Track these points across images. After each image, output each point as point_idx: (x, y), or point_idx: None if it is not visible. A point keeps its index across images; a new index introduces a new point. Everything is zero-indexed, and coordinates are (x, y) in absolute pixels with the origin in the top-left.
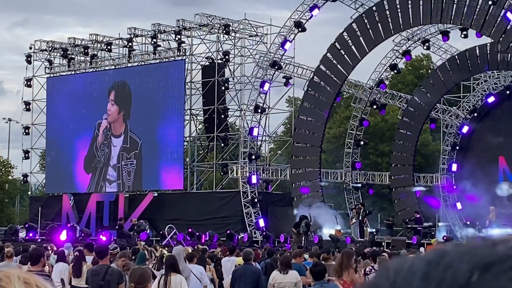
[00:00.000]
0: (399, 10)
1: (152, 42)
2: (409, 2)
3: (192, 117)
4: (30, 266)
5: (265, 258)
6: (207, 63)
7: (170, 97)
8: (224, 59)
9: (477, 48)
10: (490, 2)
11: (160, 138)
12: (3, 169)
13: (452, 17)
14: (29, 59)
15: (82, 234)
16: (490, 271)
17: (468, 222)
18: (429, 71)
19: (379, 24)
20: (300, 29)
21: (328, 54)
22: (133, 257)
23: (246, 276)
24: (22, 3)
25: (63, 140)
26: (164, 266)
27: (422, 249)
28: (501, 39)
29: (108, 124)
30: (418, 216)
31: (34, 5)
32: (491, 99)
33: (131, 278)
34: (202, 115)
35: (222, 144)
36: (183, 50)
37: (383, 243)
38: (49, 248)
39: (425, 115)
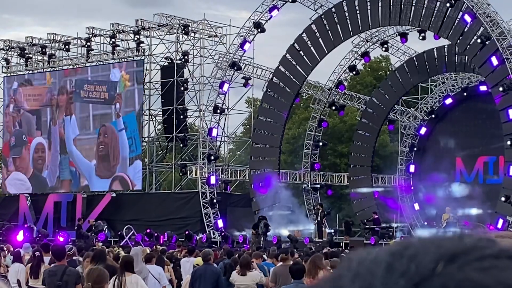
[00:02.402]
0: (358, 12)
1: (111, 42)
2: (368, 3)
3: (151, 118)
4: None
5: (223, 259)
6: (166, 64)
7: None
8: (183, 60)
9: (435, 50)
10: (448, 5)
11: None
12: None
13: (411, 19)
14: None
15: (39, 235)
16: (455, 262)
17: (426, 223)
18: (388, 72)
19: (338, 25)
20: (259, 30)
21: (287, 55)
22: None
23: (206, 276)
24: None
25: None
26: (119, 266)
27: None
28: (458, 41)
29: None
30: (376, 217)
31: None
32: (448, 101)
33: (88, 278)
34: (161, 115)
35: (181, 145)
36: (142, 50)
37: (341, 243)
38: (5, 248)
39: (383, 117)
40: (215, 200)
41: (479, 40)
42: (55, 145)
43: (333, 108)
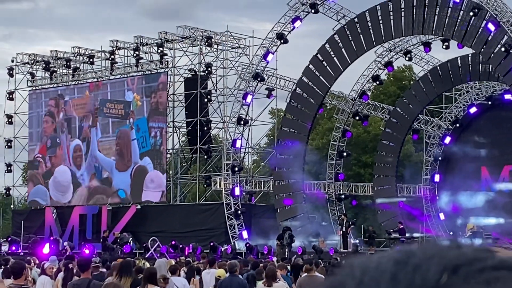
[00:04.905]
0: (381, 22)
1: (135, 55)
2: (391, 13)
3: (175, 129)
4: (12, 280)
5: (247, 270)
6: (190, 75)
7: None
8: (206, 71)
9: (458, 59)
10: (471, 13)
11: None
12: None
13: (434, 28)
14: (11, 72)
15: (65, 247)
16: (459, 273)
17: (452, 233)
18: (411, 82)
19: (361, 35)
20: (282, 41)
21: (311, 66)
22: None
23: (232, 287)
24: (5, 18)
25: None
26: (142, 278)
27: None
28: (482, 50)
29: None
30: (402, 227)
31: (17, 20)
32: (473, 110)
33: None
34: (185, 127)
35: (205, 156)
36: (166, 62)
37: (366, 254)
38: (31, 261)
39: (407, 126)
40: (239, 211)
41: (503, 49)
42: (88, 147)
43: (357, 118)
